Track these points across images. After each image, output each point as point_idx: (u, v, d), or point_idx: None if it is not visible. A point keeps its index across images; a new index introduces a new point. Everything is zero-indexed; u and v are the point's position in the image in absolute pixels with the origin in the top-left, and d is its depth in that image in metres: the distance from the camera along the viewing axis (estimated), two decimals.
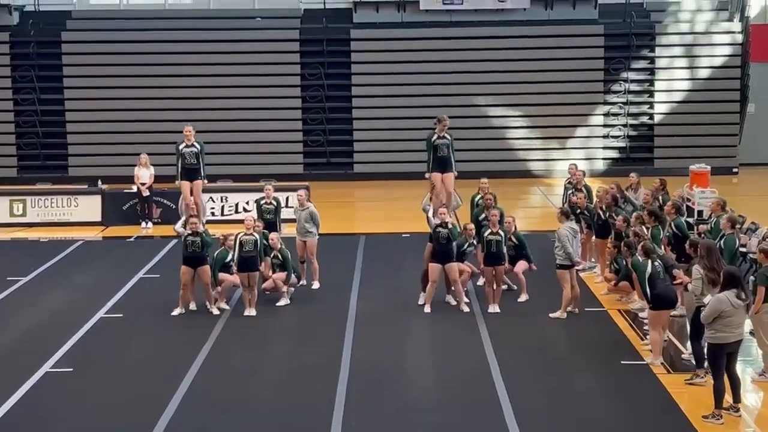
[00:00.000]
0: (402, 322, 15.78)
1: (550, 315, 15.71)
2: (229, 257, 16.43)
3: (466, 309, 16.24)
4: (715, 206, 16.14)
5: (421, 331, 15.35)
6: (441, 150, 17.19)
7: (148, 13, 32.78)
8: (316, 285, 17.75)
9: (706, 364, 12.41)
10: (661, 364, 13.49)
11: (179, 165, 19.10)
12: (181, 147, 19.05)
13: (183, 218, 17.58)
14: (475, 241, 16.69)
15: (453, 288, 16.49)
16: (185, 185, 18.52)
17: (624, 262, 15.20)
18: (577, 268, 16.11)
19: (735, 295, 11.48)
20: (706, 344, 12.00)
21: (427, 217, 16.96)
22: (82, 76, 31.49)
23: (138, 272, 19.15)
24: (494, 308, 16.14)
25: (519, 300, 16.66)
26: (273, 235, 16.76)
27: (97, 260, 20.68)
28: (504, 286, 16.93)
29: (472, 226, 16.91)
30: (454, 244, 16.11)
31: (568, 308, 15.76)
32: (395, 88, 31.54)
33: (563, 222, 15.81)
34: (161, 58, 31.49)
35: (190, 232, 16.10)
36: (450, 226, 16.15)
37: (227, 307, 16.44)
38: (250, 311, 16.12)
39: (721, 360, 11.63)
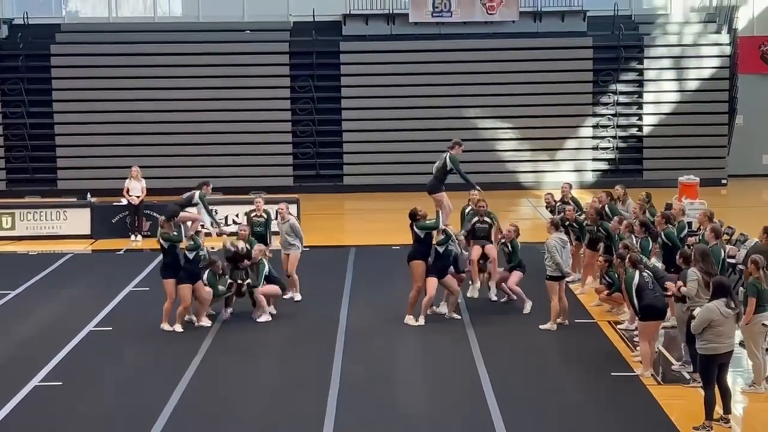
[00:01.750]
0: (392, 334, 15.76)
1: (540, 327, 15.72)
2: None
3: (457, 316, 16.31)
4: (702, 218, 16.20)
5: (411, 344, 15.33)
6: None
7: (138, 25, 32.81)
8: (297, 297, 17.71)
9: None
10: (652, 375, 13.50)
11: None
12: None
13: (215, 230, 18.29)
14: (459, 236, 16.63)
15: (449, 299, 16.52)
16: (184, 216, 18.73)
17: (616, 275, 15.21)
18: (567, 279, 16.12)
19: (724, 304, 11.52)
20: (698, 355, 12.02)
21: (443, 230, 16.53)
22: (71, 89, 31.47)
23: (127, 285, 19.10)
24: (473, 292, 16.53)
25: (524, 312, 16.57)
26: (258, 247, 16.67)
27: (87, 273, 20.63)
28: (503, 298, 16.97)
29: (462, 237, 16.89)
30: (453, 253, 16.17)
31: (558, 320, 15.77)
32: (385, 100, 31.59)
33: (552, 233, 15.83)
34: (150, 70, 31.48)
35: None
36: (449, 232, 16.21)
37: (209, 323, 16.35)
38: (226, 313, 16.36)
39: (712, 371, 11.66)
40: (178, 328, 15.92)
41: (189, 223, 18.93)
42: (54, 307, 17.85)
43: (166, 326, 15.91)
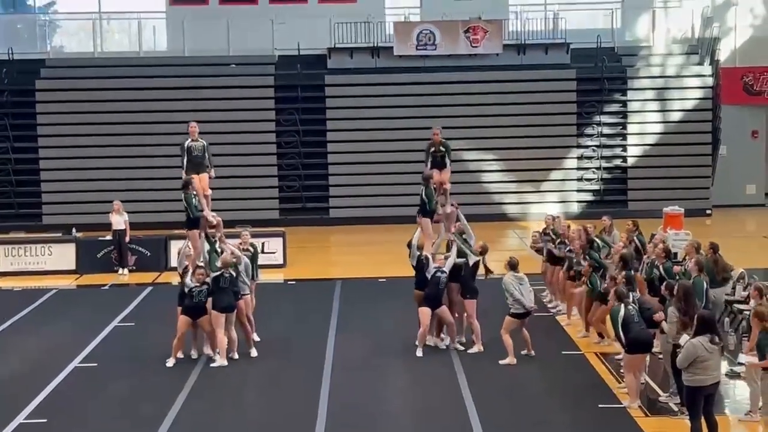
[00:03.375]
0: (379, 367, 15.72)
1: (500, 362, 15.59)
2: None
3: (460, 347, 16.33)
4: (689, 249, 16.27)
5: (398, 377, 15.28)
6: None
7: (123, 60, 32.85)
8: (256, 338, 17.00)
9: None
10: (639, 407, 13.48)
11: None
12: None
13: (190, 269, 16.37)
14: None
15: (448, 329, 16.51)
16: (194, 234, 17.72)
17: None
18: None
19: (708, 340, 11.54)
20: (684, 386, 12.03)
21: (418, 262, 16.56)
22: (56, 124, 31.45)
23: (113, 321, 19.00)
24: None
25: (470, 351, 16.23)
26: (222, 258, 16.21)
27: (72, 309, 20.52)
28: (460, 345, 16.57)
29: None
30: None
31: (523, 352, 15.77)
32: (370, 132, 31.68)
33: (508, 271, 15.75)
34: (136, 105, 31.51)
35: (197, 283, 15.82)
36: (446, 272, 16.19)
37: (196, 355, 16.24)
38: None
39: (699, 402, 11.68)
40: (170, 362, 15.85)
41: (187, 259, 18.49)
42: (38, 343, 17.72)
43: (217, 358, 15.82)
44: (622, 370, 14.28)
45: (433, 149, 17.96)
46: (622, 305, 13.37)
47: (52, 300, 21.39)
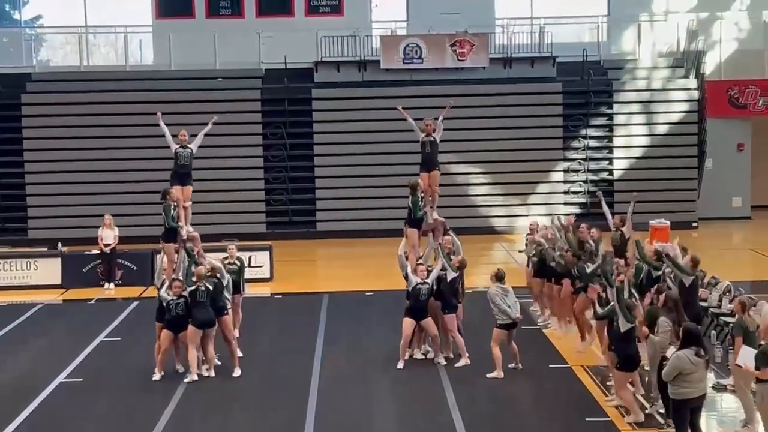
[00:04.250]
0: (366, 381, 15.68)
1: (487, 375, 15.59)
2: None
3: (442, 362, 16.27)
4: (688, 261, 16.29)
5: (385, 391, 15.24)
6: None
7: (109, 74, 32.80)
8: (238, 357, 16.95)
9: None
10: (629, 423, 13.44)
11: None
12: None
13: (161, 280, 16.47)
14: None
15: (432, 342, 16.48)
16: (170, 247, 17.72)
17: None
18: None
19: (694, 353, 11.55)
20: (670, 400, 12.03)
21: (405, 274, 16.53)
22: (42, 138, 31.35)
23: (98, 335, 18.92)
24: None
25: (457, 365, 16.21)
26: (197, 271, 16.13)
27: (57, 324, 20.43)
28: (443, 360, 16.53)
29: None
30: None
31: (510, 365, 15.76)
32: (357, 146, 31.68)
33: (493, 283, 15.80)
34: (122, 119, 31.41)
35: (174, 297, 15.79)
36: (431, 284, 16.20)
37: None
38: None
39: (685, 415, 11.70)
40: (156, 376, 15.81)
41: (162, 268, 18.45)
42: (24, 358, 17.64)
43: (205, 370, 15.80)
44: (612, 386, 14.27)
45: (423, 136, 17.93)
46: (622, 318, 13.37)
47: (37, 315, 21.29)
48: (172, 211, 17.00)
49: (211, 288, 15.76)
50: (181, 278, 16.11)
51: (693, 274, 15.48)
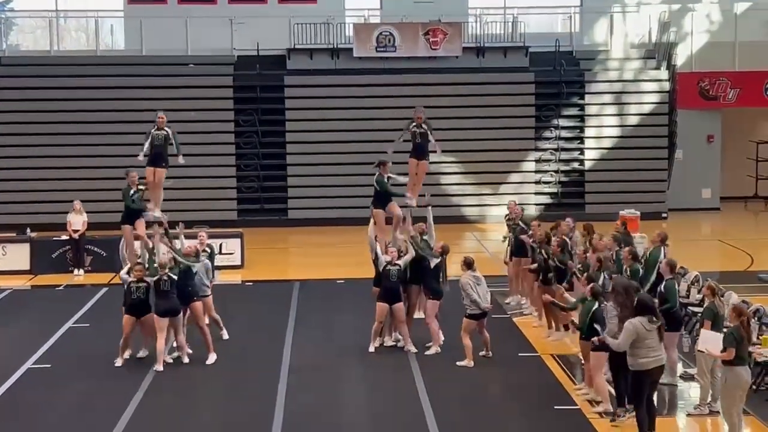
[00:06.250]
0: (336, 369, 15.68)
1: (458, 363, 15.62)
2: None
3: (413, 350, 16.27)
4: (656, 238, 16.36)
5: (355, 379, 15.26)
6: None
7: (79, 59, 32.51)
8: (225, 335, 17.31)
9: (626, 402, 12.79)
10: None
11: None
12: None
13: (127, 265, 16.62)
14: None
15: (398, 330, 16.48)
16: (127, 229, 17.72)
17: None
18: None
19: (647, 320, 11.72)
20: (630, 375, 12.09)
21: (375, 255, 16.61)
22: (11, 123, 31.06)
23: (67, 321, 18.81)
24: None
25: (427, 353, 16.24)
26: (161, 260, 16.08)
27: (25, 309, 20.30)
28: (412, 347, 16.43)
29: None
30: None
31: (481, 353, 15.81)
32: (329, 134, 31.62)
33: (465, 271, 15.81)
34: (93, 104, 31.19)
35: (134, 279, 15.70)
36: (401, 266, 16.24)
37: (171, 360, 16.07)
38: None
39: (644, 389, 11.91)
40: (118, 362, 15.76)
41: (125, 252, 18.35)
42: None
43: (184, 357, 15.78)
44: (579, 375, 14.36)
45: (413, 125, 17.99)
46: (596, 302, 13.44)
47: (5, 300, 21.14)
48: (131, 193, 16.99)
49: (174, 277, 15.66)
50: (140, 261, 16.07)
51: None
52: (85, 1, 33.63)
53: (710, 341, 12.21)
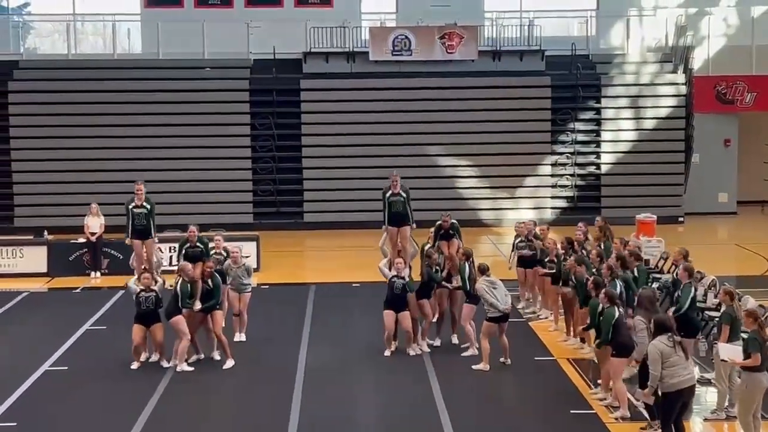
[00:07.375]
0: (352, 373, 15.68)
1: (473, 367, 15.64)
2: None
3: (411, 352, 16.39)
4: (677, 256, 16.26)
5: (371, 384, 15.25)
6: (395, 206, 18.17)
7: (97, 62, 32.66)
8: (242, 338, 17.46)
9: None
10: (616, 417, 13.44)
11: (129, 224, 18.95)
12: (131, 207, 18.83)
13: (135, 275, 16.84)
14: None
15: (405, 336, 16.53)
16: (137, 243, 18.12)
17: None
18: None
19: (667, 338, 11.63)
20: (660, 394, 12.00)
21: (380, 268, 16.93)
22: (29, 126, 31.22)
23: (84, 324, 18.88)
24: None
25: (464, 354, 16.37)
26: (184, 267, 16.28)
27: (43, 312, 20.37)
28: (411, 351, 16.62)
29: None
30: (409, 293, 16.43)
31: (501, 359, 15.80)
32: (345, 137, 31.65)
33: (480, 277, 15.85)
34: (110, 107, 31.33)
35: (143, 288, 15.79)
36: (406, 279, 16.42)
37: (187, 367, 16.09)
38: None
39: (673, 410, 11.61)
40: (135, 365, 15.82)
41: (135, 263, 18.77)
42: (9, 346, 17.59)
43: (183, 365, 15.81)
44: (599, 380, 14.31)
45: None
46: (615, 307, 13.40)
47: (23, 303, 21.23)
48: (131, 207, 18.33)
49: (159, 296, 15.73)
50: (150, 270, 16.35)
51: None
52: (102, 5, 33.76)
53: (730, 352, 12.16)
